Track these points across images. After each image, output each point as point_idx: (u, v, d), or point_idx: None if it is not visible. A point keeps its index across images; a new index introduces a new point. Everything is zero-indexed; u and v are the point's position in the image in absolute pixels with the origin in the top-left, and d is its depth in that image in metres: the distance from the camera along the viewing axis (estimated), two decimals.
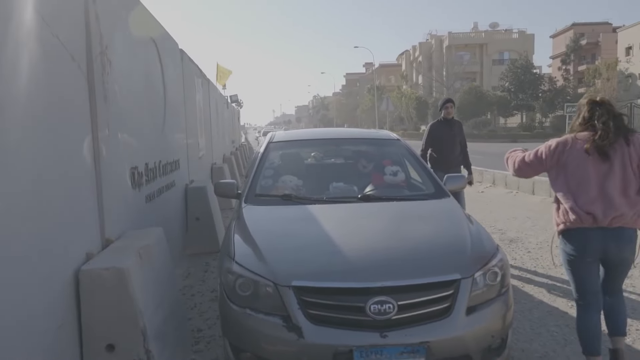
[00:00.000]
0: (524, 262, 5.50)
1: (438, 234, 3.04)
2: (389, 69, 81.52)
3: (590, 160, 2.77)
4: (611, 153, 2.75)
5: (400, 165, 4.07)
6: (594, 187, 2.76)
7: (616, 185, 2.73)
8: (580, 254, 2.83)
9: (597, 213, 2.72)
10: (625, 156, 2.75)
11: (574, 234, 2.83)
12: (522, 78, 46.73)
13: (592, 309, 2.88)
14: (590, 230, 2.76)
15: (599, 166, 2.76)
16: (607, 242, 2.76)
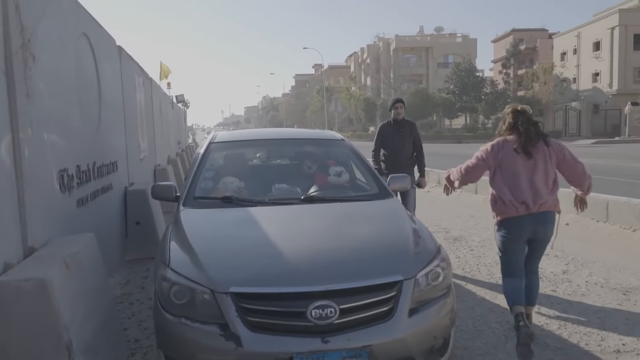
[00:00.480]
0: (467, 260, 5.61)
1: (380, 235, 3.01)
2: (338, 71, 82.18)
3: (519, 158, 3.37)
4: (534, 152, 3.37)
5: (345, 166, 4.03)
6: (524, 181, 3.36)
7: (540, 178, 3.38)
8: (515, 238, 3.45)
9: (529, 202, 3.34)
10: (545, 155, 3.40)
11: (510, 222, 3.43)
12: (466, 81, 48.28)
13: (517, 278, 3.54)
14: (523, 217, 3.37)
15: (526, 163, 3.37)
16: (536, 224, 3.41)
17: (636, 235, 6.15)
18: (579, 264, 5.30)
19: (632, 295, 4.33)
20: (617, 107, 44.39)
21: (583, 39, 49.91)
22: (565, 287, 4.60)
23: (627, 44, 45.51)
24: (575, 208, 4.04)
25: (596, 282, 4.68)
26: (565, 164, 3.49)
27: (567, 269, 5.11)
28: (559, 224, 3.67)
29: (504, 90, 49.68)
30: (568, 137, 43.86)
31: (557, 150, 3.46)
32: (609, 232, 6.47)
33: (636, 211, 6.29)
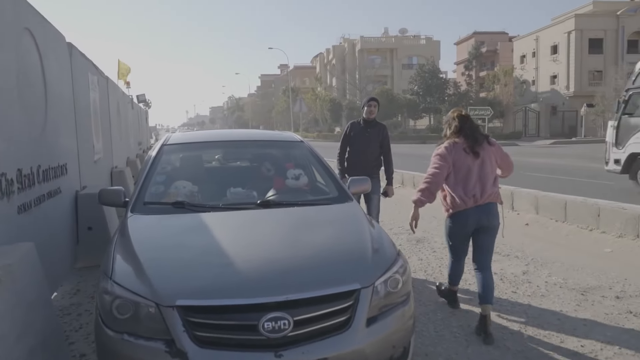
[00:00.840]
0: (430, 262, 5.59)
1: (338, 242, 2.90)
2: (303, 71, 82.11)
3: (469, 157, 3.76)
4: (480, 151, 3.78)
5: (303, 169, 3.91)
6: (473, 177, 3.76)
7: (486, 174, 3.78)
8: (463, 228, 3.90)
9: (478, 195, 3.77)
10: (489, 153, 3.82)
11: (460, 214, 3.85)
12: (430, 82, 48.99)
13: (461, 262, 4.15)
14: (470, 210, 3.80)
15: (475, 161, 3.76)
16: (481, 215, 3.82)
17: (593, 234, 6.27)
18: (538, 264, 5.34)
19: (589, 296, 4.38)
20: (574, 108, 45.87)
21: (541, 42, 51.42)
22: (525, 288, 4.62)
23: (583, 47, 47.12)
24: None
25: (555, 283, 4.72)
26: (503, 159, 3.94)
27: (527, 270, 5.14)
28: (504, 214, 4.18)
29: (467, 91, 50.69)
30: (528, 138, 45.06)
31: (497, 149, 3.90)
32: (567, 231, 6.58)
33: (593, 211, 6.42)
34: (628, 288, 4.51)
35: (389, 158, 5.56)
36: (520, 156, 23.53)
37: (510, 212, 7.89)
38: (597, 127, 42.69)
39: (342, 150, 5.57)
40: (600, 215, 6.28)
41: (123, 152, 11.69)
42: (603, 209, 6.28)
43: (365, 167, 5.28)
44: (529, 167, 17.52)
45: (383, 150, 5.51)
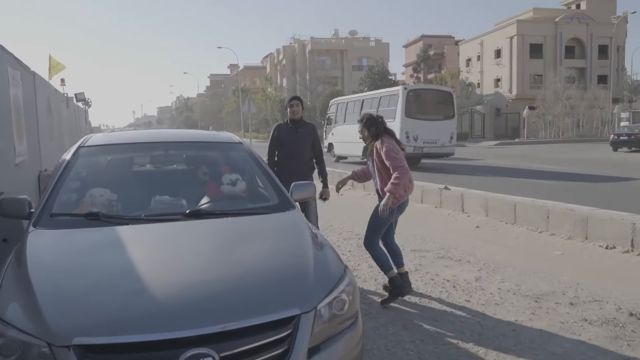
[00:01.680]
0: None
1: (275, 258, 2.52)
2: (253, 71, 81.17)
3: (400, 152, 4.25)
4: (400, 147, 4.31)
5: (241, 173, 3.52)
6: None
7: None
8: (398, 215, 4.48)
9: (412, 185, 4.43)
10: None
11: (403, 203, 4.40)
12: (379, 84, 49.40)
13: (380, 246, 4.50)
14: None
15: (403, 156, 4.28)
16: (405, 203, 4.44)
17: (542, 237, 6.21)
18: (490, 269, 5.18)
19: (543, 303, 4.22)
20: (516, 111, 47.52)
21: (486, 46, 53.02)
22: (479, 296, 4.42)
23: (524, 52, 48.94)
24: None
25: (509, 289, 4.55)
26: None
27: (480, 276, 4.96)
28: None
29: None
30: (474, 139, 46.27)
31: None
32: (517, 234, 6.50)
33: (542, 213, 6.37)
34: (581, 293, 4.39)
35: (322, 159, 5.29)
36: (468, 157, 23.97)
37: (460, 214, 7.79)
38: (538, 128, 44.42)
39: (270, 154, 5.15)
40: (550, 217, 6.23)
41: (56, 154, 10.82)
42: (552, 211, 6.23)
43: (298, 170, 4.90)
44: (476, 168, 17.79)
45: (315, 151, 5.20)
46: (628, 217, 5.44)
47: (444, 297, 4.42)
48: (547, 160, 21.22)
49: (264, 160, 3.77)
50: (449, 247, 6.13)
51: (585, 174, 15.28)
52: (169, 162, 3.91)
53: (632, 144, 27.37)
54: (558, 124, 44.13)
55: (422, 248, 6.10)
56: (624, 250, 5.31)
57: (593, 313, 3.97)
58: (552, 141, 41.03)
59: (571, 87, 43.32)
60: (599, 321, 3.82)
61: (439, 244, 6.26)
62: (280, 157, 5.10)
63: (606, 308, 4.07)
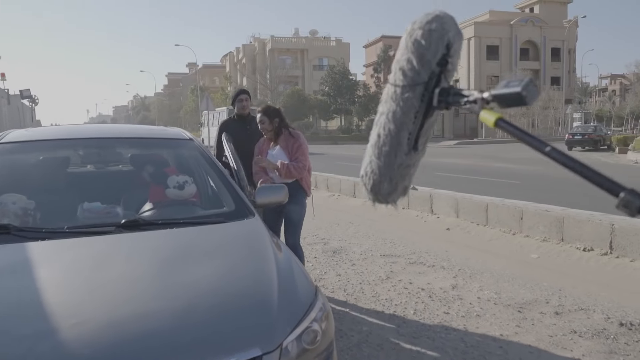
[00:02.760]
0: (349, 277, 4.88)
1: (230, 282, 2.02)
2: (213, 70, 79.66)
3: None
4: None
5: (191, 174, 3.01)
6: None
7: None
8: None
9: None
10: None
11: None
12: (340, 83, 49.28)
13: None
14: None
15: None
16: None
17: (516, 239, 5.93)
18: (467, 275, 4.83)
19: (527, 313, 3.89)
20: (475, 111, 48.30)
21: None
22: (458, 307, 4.04)
23: (481, 54, 49.91)
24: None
25: (489, 298, 4.20)
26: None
27: (457, 283, 4.60)
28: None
29: (376, 93, 51.59)
30: (433, 139, 46.60)
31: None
32: (490, 236, 6.21)
33: (515, 214, 6.10)
34: (565, 301, 4.09)
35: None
36: (428, 157, 23.90)
37: (429, 215, 7.47)
38: None
39: (218, 154, 4.58)
40: (523, 218, 5.96)
41: None
42: (526, 212, 5.96)
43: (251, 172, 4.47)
44: (439, 167, 17.69)
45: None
46: (606, 217, 5.21)
47: (420, 308, 4.03)
48: (508, 159, 21.43)
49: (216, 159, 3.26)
50: (420, 251, 5.77)
51: (548, 173, 15.39)
52: (104, 162, 3.33)
53: (585, 143, 28.18)
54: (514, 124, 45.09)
55: (393, 253, 5.71)
56: (602, 253, 5.08)
57: (581, 324, 3.66)
58: (509, 141, 41.84)
59: None
60: (588, 333, 3.51)
61: (409, 248, 5.90)
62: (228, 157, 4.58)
63: (594, 318, 3.77)
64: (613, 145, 26.99)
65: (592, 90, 78.21)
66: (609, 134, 31.66)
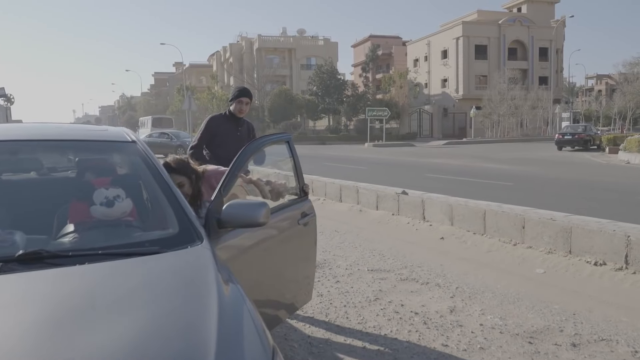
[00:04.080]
0: (332, 298, 4.27)
1: (146, 347, 1.39)
2: (200, 69, 78.68)
3: None
4: None
5: (128, 186, 2.38)
6: None
7: None
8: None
9: None
10: None
11: None
12: (328, 83, 48.72)
13: None
14: None
15: None
16: None
17: (518, 250, 5.37)
18: (466, 295, 4.25)
19: (540, 344, 3.31)
20: (463, 111, 48.10)
21: (433, 47, 53.47)
22: (458, 337, 3.46)
23: (470, 53, 49.65)
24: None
25: (493, 326, 3.61)
26: None
27: (454, 306, 4.02)
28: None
29: (364, 93, 51.15)
30: (422, 139, 46.41)
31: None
32: (488, 246, 5.64)
33: (516, 222, 5.54)
34: (581, 329, 3.52)
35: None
36: (418, 157, 23.49)
37: (421, 222, 6.90)
38: (484, 128, 45.04)
39: (198, 147, 4.11)
40: (525, 227, 5.41)
41: None
42: (528, 220, 5.40)
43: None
44: (429, 168, 17.18)
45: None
46: (619, 228, 4.67)
47: (414, 339, 3.43)
48: (499, 160, 21.01)
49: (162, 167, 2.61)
50: (412, 264, 5.19)
51: (540, 173, 14.94)
52: (16, 170, 2.68)
53: (575, 143, 27.93)
54: (503, 123, 44.90)
55: (382, 267, 5.12)
56: (616, 267, 4.53)
57: (605, 359, 3.10)
58: (498, 140, 41.65)
59: (515, 87, 44.20)
60: None
61: (400, 262, 5.31)
62: (214, 156, 4.03)
63: (618, 351, 3.20)
64: (603, 145, 26.74)
65: (578, 90, 78.58)
66: (598, 133, 31.46)
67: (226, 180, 2.38)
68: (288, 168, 3.25)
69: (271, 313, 2.74)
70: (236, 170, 2.44)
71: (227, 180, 2.38)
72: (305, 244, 3.29)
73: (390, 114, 41.83)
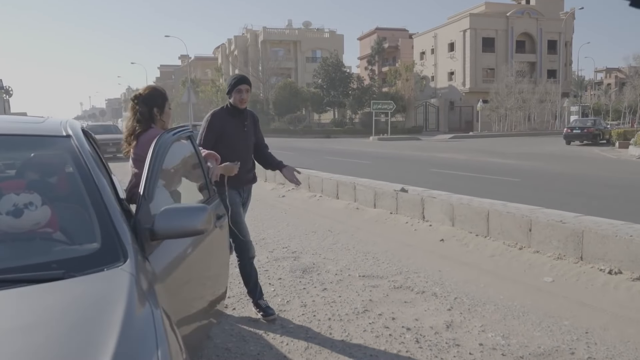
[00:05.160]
0: (317, 309, 3.85)
1: None
2: (205, 62, 78.23)
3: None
4: None
5: (47, 191, 1.96)
6: None
7: None
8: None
9: None
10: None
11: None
12: (334, 76, 48.17)
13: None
14: None
15: None
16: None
17: (524, 255, 4.92)
18: (465, 307, 3.82)
19: None
20: (470, 104, 47.41)
21: (439, 39, 52.69)
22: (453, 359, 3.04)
23: (477, 46, 48.84)
24: None
25: (495, 346, 3.18)
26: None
27: (452, 320, 3.59)
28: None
29: (370, 86, 50.55)
30: (429, 132, 45.82)
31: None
32: (492, 250, 5.20)
33: (522, 224, 5.09)
34: (596, 352, 3.08)
35: (267, 151, 4.03)
36: (423, 151, 22.99)
37: (421, 222, 6.46)
38: (491, 121, 44.34)
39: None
40: (532, 229, 4.96)
41: None
42: (535, 222, 4.95)
43: (242, 177, 3.66)
44: (434, 162, 16.71)
45: (258, 144, 3.94)
46: (636, 231, 4.21)
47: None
48: (506, 154, 20.49)
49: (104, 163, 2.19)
50: (408, 270, 4.76)
51: (548, 169, 14.45)
52: None
53: (584, 137, 27.32)
54: (511, 117, 44.18)
55: (374, 273, 4.70)
56: (633, 277, 4.07)
57: None
58: (506, 134, 41.00)
59: (523, 80, 43.44)
60: None
61: (395, 266, 4.88)
62: (222, 158, 3.62)
63: None
64: (613, 139, 26.12)
65: (587, 83, 77.43)
66: (607, 127, 30.79)
67: (147, 184, 1.96)
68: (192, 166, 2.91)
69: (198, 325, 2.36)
70: (154, 173, 2.02)
71: (148, 185, 1.96)
72: (223, 247, 3.02)
73: (395, 107, 41.24)
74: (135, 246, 1.76)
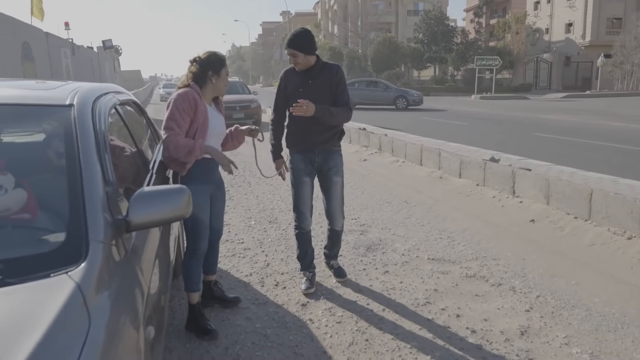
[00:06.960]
0: (371, 298, 3.45)
1: None
2: (305, 18, 78.03)
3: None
4: None
5: (28, 172, 1.74)
6: None
7: None
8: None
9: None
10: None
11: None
12: (436, 30, 45.69)
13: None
14: None
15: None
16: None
17: (632, 247, 4.08)
18: (547, 310, 3.21)
19: None
20: (589, 59, 42.74)
21: None
22: None
23: None
24: None
25: None
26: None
27: (529, 325, 3.02)
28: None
29: (475, 40, 47.26)
30: (538, 90, 42.18)
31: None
32: (591, 237, 4.41)
33: (634, 210, 4.22)
34: None
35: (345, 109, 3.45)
36: (529, 112, 21.05)
37: (510, 197, 5.71)
38: (614, 79, 39.66)
39: (277, 115, 3.56)
40: None
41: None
42: None
43: (316, 137, 3.42)
44: (539, 126, 15.16)
45: (337, 102, 3.44)
46: None
47: None
48: (629, 117, 18.05)
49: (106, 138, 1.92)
50: (486, 255, 4.18)
51: None
52: None
53: None
54: (638, 74, 39.12)
55: (446, 257, 4.18)
56: None
57: None
58: (630, 94, 36.48)
59: None
60: None
61: (472, 250, 4.32)
62: (291, 120, 3.50)
63: None
64: None
65: None
66: None
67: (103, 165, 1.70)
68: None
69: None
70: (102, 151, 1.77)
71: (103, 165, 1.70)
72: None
73: (502, 63, 38.20)
74: (106, 244, 1.48)
